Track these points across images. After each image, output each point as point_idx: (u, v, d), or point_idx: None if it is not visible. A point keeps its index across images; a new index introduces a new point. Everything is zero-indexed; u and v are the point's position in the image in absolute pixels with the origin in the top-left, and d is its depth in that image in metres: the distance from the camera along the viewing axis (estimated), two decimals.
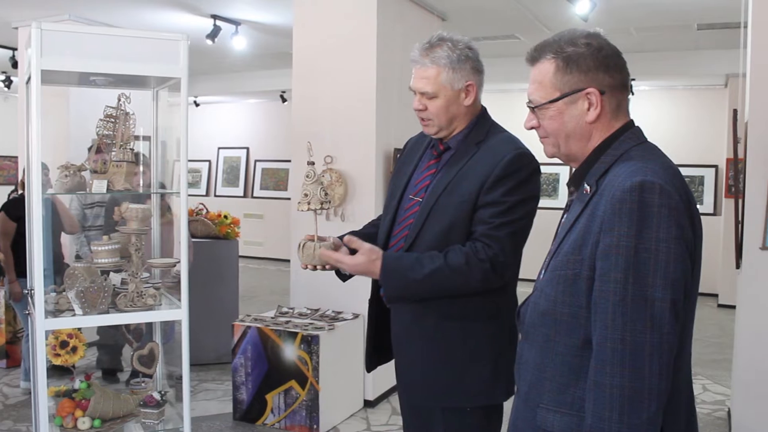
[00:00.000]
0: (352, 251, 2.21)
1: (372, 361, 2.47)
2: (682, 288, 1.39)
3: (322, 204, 2.25)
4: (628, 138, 1.55)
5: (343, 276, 2.40)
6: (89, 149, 4.76)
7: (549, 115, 1.58)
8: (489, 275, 2.09)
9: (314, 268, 2.24)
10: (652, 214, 1.37)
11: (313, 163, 2.31)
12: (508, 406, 1.82)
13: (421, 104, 2.22)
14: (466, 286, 2.11)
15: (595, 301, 1.43)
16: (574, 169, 1.63)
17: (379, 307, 2.38)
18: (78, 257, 4.67)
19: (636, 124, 1.60)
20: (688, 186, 1.48)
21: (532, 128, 1.64)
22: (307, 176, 2.28)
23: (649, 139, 1.59)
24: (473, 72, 2.23)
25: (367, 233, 2.43)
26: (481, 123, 2.27)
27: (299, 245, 2.25)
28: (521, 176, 2.13)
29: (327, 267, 2.25)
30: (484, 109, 2.31)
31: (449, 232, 2.16)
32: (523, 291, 1.80)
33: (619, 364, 1.36)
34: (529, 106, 1.62)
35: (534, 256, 2.56)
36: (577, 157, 1.60)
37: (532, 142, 1.94)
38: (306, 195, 2.26)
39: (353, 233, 2.34)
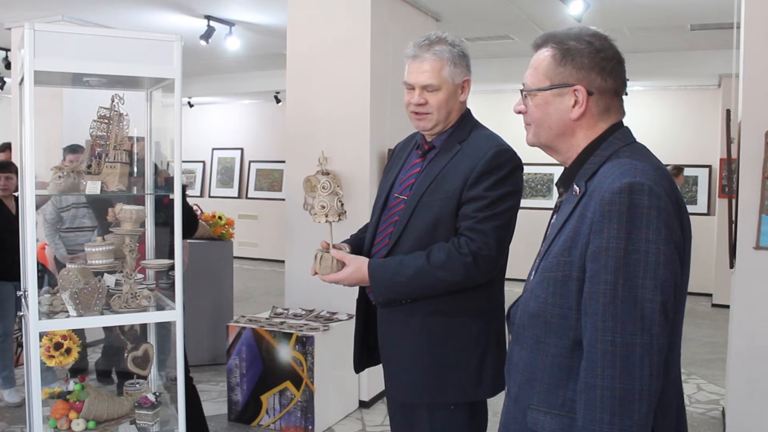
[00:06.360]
0: None
1: (360, 362, 2.48)
2: (671, 289, 1.39)
3: (339, 216, 2.27)
4: (617, 139, 1.56)
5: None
6: (64, 150, 4.77)
7: (536, 102, 1.59)
8: (471, 269, 2.10)
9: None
10: (641, 216, 1.37)
11: (327, 173, 2.30)
12: (499, 405, 1.82)
13: (422, 98, 2.23)
14: (450, 282, 2.13)
15: (585, 302, 1.43)
16: (563, 170, 1.64)
17: (367, 307, 2.41)
18: (55, 259, 4.66)
19: (625, 125, 1.60)
20: (677, 187, 1.49)
21: (519, 113, 1.65)
22: (323, 187, 2.27)
23: (642, 140, 1.60)
24: (468, 70, 2.29)
25: (361, 238, 2.47)
26: (465, 122, 2.31)
27: (316, 257, 2.27)
28: (503, 172, 2.16)
29: None
30: (468, 109, 2.35)
31: (435, 228, 2.18)
32: (513, 291, 1.80)
33: (609, 366, 1.36)
34: (520, 90, 1.63)
35: (524, 256, 2.57)
36: (558, 149, 1.61)
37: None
38: (323, 207, 2.26)
39: (347, 241, 2.40)
